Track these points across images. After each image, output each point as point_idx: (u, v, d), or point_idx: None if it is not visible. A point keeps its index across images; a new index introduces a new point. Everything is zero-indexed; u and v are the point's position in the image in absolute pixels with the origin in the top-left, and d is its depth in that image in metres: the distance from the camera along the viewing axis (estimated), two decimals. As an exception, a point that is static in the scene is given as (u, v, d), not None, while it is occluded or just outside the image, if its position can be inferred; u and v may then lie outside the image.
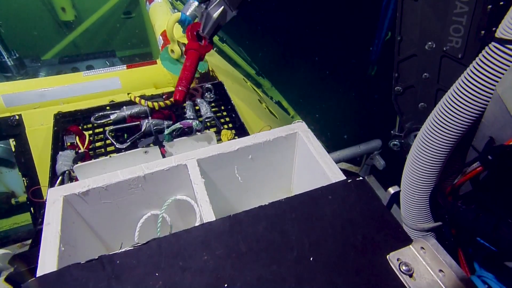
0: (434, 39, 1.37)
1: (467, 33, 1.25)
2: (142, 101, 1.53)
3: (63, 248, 0.75)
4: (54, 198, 0.84)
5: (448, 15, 1.27)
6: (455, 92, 1.11)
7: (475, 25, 1.22)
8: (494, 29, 1.15)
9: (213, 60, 2.33)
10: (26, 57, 3.20)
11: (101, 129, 1.54)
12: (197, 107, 1.66)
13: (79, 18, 4.19)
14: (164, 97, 1.68)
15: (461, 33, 1.27)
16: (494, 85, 1.00)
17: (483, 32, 1.22)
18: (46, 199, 0.84)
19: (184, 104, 1.66)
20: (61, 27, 4.22)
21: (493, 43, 0.97)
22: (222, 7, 1.25)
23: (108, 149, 1.45)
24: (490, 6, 1.16)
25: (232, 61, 3.65)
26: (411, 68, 1.51)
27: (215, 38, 3.50)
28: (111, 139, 1.43)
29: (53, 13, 4.06)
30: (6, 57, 2.73)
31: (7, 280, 0.90)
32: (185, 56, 1.45)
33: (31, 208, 1.72)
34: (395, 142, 1.82)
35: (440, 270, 0.64)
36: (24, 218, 2.17)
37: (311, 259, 0.66)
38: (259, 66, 4.07)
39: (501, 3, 1.14)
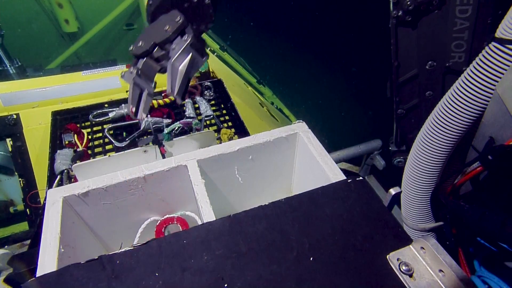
0: (435, 58, 1.33)
1: (469, 47, 1.24)
2: (141, 99, 1.52)
3: (62, 250, 0.75)
4: (54, 199, 0.83)
5: (448, 33, 1.24)
6: (455, 92, 1.11)
7: (477, 38, 1.21)
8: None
9: (213, 62, 2.32)
10: (29, 66, 3.21)
11: (99, 127, 1.53)
12: (196, 105, 1.66)
13: (82, 30, 4.22)
14: (163, 95, 1.68)
15: (463, 48, 1.25)
16: (494, 85, 1.00)
17: (485, 43, 1.21)
18: (44, 201, 0.84)
19: (183, 102, 1.65)
20: (64, 38, 4.25)
21: (493, 43, 0.97)
22: (191, 54, 0.89)
23: (107, 147, 1.45)
24: (490, 19, 1.16)
25: (233, 70, 3.64)
26: (412, 89, 1.45)
27: (216, 47, 3.45)
28: (109, 137, 1.43)
29: (57, 25, 4.10)
30: (8, 65, 2.73)
31: (6, 281, 0.90)
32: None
33: (27, 210, 1.71)
34: (400, 159, 1.74)
35: (440, 270, 0.64)
36: (22, 227, 2.14)
37: (311, 259, 0.66)
38: (260, 75, 4.07)
39: (500, 12, 1.15)
